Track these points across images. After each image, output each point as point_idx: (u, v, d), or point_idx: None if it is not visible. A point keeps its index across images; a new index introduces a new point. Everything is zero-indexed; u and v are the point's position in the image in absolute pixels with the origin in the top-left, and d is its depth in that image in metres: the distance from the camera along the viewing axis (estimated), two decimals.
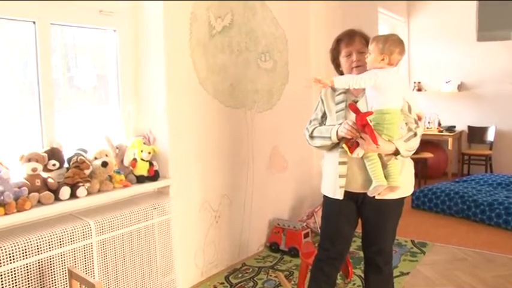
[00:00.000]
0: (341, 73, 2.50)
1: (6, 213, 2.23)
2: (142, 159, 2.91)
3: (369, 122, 2.11)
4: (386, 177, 2.22)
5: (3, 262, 2.11)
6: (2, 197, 2.23)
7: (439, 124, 7.04)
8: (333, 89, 2.45)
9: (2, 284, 2.12)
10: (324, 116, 2.48)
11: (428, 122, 7.11)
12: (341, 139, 2.26)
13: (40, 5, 2.57)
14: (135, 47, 3.10)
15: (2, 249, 2.11)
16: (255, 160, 3.78)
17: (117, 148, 2.90)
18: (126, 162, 2.88)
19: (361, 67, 2.35)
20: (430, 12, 7.25)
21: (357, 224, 2.52)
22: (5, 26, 2.65)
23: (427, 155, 6.54)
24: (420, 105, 2.38)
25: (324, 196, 2.52)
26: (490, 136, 6.87)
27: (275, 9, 4.01)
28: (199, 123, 3.32)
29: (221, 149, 3.52)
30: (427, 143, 6.99)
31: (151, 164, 2.95)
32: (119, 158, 2.89)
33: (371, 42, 2.23)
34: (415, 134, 2.29)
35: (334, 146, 2.38)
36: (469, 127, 7.06)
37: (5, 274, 2.12)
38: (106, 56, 3.11)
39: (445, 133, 6.89)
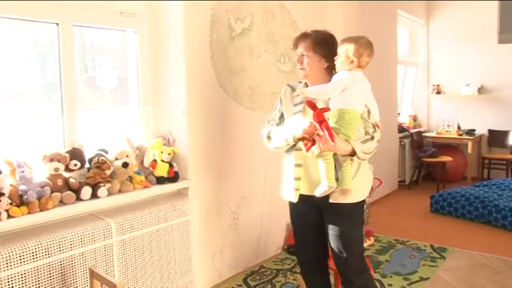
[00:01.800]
0: None
1: (29, 212, 2.27)
2: (162, 161, 2.93)
3: (326, 119, 2.09)
4: (339, 180, 2.17)
5: (27, 260, 2.14)
6: (25, 196, 2.26)
7: (459, 127, 6.95)
8: (293, 89, 2.44)
9: (26, 282, 2.14)
10: (282, 117, 2.45)
11: (448, 125, 7.03)
12: (297, 140, 2.22)
13: (63, 6, 2.60)
14: (155, 48, 3.12)
15: (25, 248, 2.14)
16: (273, 162, 3.76)
17: (138, 149, 2.92)
18: (146, 163, 2.89)
19: (302, 70, 2.36)
20: (449, 14, 7.17)
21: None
22: (25, 28, 2.69)
23: (446, 158, 6.48)
24: (378, 116, 2.33)
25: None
26: (511, 140, 6.77)
27: (294, 11, 4.00)
28: (219, 125, 3.32)
29: (240, 151, 3.52)
30: (446, 147, 6.93)
31: (171, 165, 2.96)
32: (139, 159, 2.90)
33: (340, 45, 2.20)
34: (372, 138, 2.24)
35: (290, 148, 2.34)
36: (490, 131, 6.96)
37: (28, 272, 2.15)
38: (126, 57, 3.14)
39: (464, 136, 6.80)
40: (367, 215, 4.62)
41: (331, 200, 2.22)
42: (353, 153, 2.17)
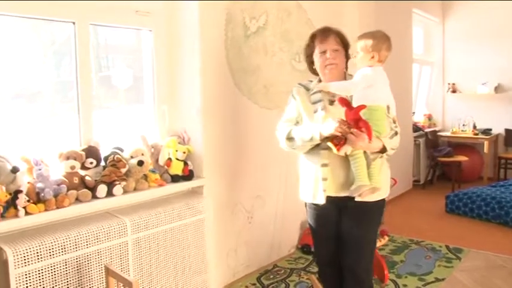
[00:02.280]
0: (314, 71, 2.43)
1: (46, 210, 2.29)
2: (177, 159, 2.93)
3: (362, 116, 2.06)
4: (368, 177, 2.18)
5: (44, 257, 2.16)
6: (42, 194, 2.28)
7: (474, 127, 6.86)
8: (306, 88, 2.39)
9: (43, 279, 2.16)
10: (299, 116, 2.39)
11: (463, 125, 6.95)
12: (324, 138, 2.15)
13: (80, 6, 2.62)
14: (170, 47, 3.13)
15: (42, 244, 2.16)
16: (288, 161, 3.75)
17: (153, 147, 2.93)
18: (161, 162, 2.90)
19: (333, 65, 2.30)
20: (465, 13, 7.08)
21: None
22: (40, 28, 2.72)
23: (462, 158, 6.41)
24: (395, 111, 2.34)
25: (305, 202, 2.45)
26: None
27: (310, 10, 3.98)
28: (234, 124, 3.32)
29: (255, 150, 3.52)
30: (461, 146, 6.85)
31: (186, 164, 2.96)
32: (154, 157, 2.91)
33: (358, 40, 2.19)
34: (396, 133, 2.27)
35: (313, 148, 2.28)
36: (506, 130, 6.86)
37: (45, 269, 2.17)
38: (140, 55, 3.15)
39: (480, 136, 6.71)
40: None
41: (359, 199, 2.22)
42: (382, 150, 2.18)
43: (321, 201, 2.29)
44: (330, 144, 2.13)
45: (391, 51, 2.20)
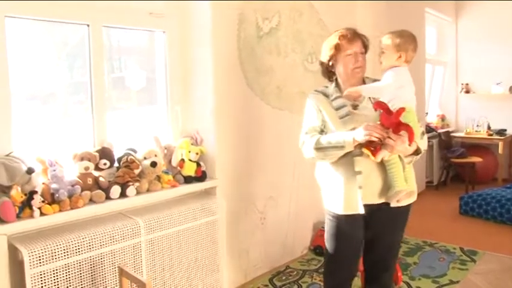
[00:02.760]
0: (329, 74, 2.36)
1: (60, 210, 2.31)
2: (190, 160, 2.94)
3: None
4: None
5: (58, 257, 2.17)
6: (57, 195, 2.30)
7: (489, 127, 6.78)
8: (325, 95, 2.31)
9: (57, 279, 2.18)
10: (323, 124, 2.28)
11: (477, 125, 6.88)
12: (357, 145, 2.07)
13: (94, 8, 2.64)
14: (183, 48, 3.13)
15: (57, 245, 2.17)
16: (300, 162, 3.74)
17: (166, 148, 2.94)
18: (174, 163, 2.91)
19: (361, 68, 2.24)
20: (479, 12, 7.00)
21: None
22: (54, 30, 2.74)
23: (476, 159, 6.34)
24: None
25: (331, 213, 2.30)
26: None
27: (322, 10, 3.97)
28: (247, 125, 3.32)
29: (267, 151, 3.51)
30: (475, 147, 6.78)
31: (198, 165, 2.97)
32: (167, 158, 2.92)
33: (385, 40, 2.15)
34: (423, 133, 2.23)
35: (342, 156, 2.17)
36: None
37: (60, 269, 2.18)
38: (152, 57, 3.16)
39: (494, 136, 6.64)
40: None
41: (395, 204, 2.17)
42: (418, 151, 2.13)
43: (360, 210, 2.17)
44: (365, 150, 2.05)
45: (416, 52, 2.17)
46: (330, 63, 2.30)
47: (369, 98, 2.23)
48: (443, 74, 7.37)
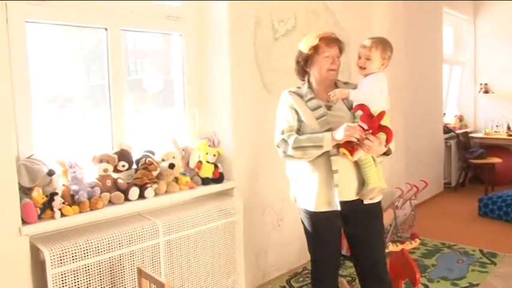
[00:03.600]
0: (303, 74, 2.42)
1: (80, 212, 2.34)
2: (207, 162, 2.96)
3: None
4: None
5: (79, 258, 2.20)
6: (77, 196, 2.34)
7: (508, 127, 6.68)
8: (299, 96, 2.36)
9: (78, 279, 2.21)
10: (299, 124, 2.33)
11: (496, 126, 6.78)
12: (335, 146, 2.18)
13: (112, 12, 2.68)
14: (200, 50, 3.16)
15: (77, 245, 2.20)
16: None
17: (183, 150, 2.96)
18: (192, 164, 2.93)
19: (336, 71, 2.34)
20: (498, 10, 6.90)
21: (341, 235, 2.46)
22: (71, 34, 2.78)
23: (495, 160, 6.26)
24: None
25: (305, 210, 2.38)
26: None
27: (338, 11, 3.96)
28: (264, 126, 3.32)
29: None
30: (494, 148, 6.68)
31: (216, 166, 2.99)
32: (185, 160, 2.95)
33: (369, 48, 2.23)
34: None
35: (321, 155, 2.24)
36: None
37: (80, 269, 2.22)
38: (169, 59, 3.19)
39: None
40: (412, 218, 4.53)
41: (368, 201, 2.30)
42: (388, 152, 2.25)
43: (337, 207, 2.26)
44: (343, 150, 2.16)
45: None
46: (307, 63, 2.37)
47: (342, 99, 2.33)
48: (461, 74, 7.28)
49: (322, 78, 2.34)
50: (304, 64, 2.38)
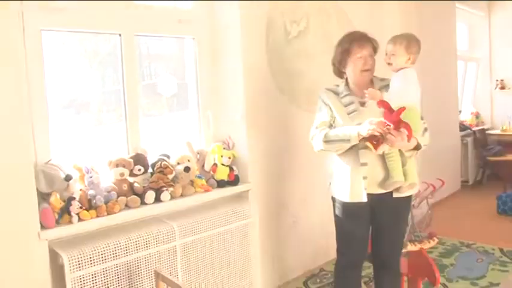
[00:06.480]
0: (340, 73, 2.53)
1: (98, 216, 2.36)
2: (222, 164, 2.97)
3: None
4: (404, 175, 2.32)
5: (96, 262, 2.23)
6: (94, 201, 2.36)
7: None
8: (335, 93, 2.49)
9: (96, 283, 2.23)
10: (332, 119, 2.47)
11: None
12: (362, 139, 2.24)
13: (125, 18, 2.70)
14: (213, 53, 3.16)
15: (94, 250, 2.23)
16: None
17: (198, 153, 2.97)
18: (207, 167, 2.94)
19: (369, 71, 2.42)
20: None
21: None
22: (86, 40, 2.81)
23: None
24: None
25: (338, 201, 2.49)
26: None
27: (350, 11, 3.94)
28: (278, 128, 3.33)
29: (300, 153, 3.50)
30: None
31: (231, 169, 2.99)
32: (200, 163, 2.96)
33: (393, 44, 2.28)
34: (426, 129, 2.38)
35: (349, 149, 2.35)
36: None
37: (98, 273, 2.24)
38: (182, 63, 3.21)
39: None
40: (429, 217, 4.48)
41: (397, 195, 2.37)
42: (416, 148, 2.29)
43: (364, 199, 2.37)
44: (368, 144, 2.23)
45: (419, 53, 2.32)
46: (341, 65, 2.49)
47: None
48: (476, 71, 7.20)
49: (357, 78, 2.44)
50: (339, 65, 2.51)
